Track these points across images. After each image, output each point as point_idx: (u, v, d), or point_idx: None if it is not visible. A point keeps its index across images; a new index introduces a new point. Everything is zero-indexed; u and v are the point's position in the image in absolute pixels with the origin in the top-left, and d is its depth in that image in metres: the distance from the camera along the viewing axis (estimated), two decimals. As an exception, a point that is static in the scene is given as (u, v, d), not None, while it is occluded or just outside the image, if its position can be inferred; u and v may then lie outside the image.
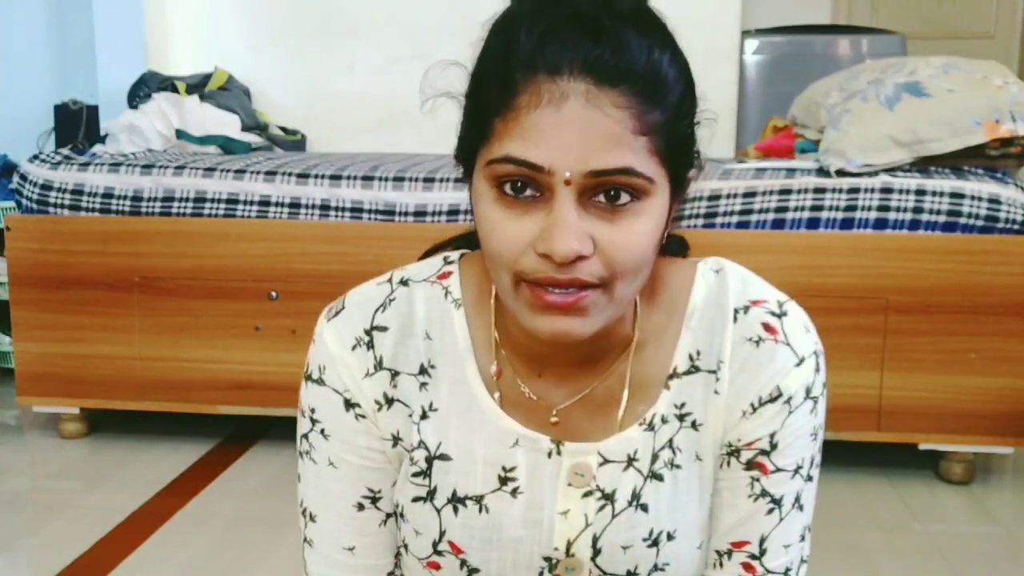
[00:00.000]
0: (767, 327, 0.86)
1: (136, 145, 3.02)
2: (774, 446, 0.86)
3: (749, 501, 0.88)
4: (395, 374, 0.88)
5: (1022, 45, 4.51)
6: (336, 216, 2.62)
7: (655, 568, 0.88)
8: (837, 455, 2.56)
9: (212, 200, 2.65)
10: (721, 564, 0.90)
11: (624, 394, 0.87)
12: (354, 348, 0.88)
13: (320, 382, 0.89)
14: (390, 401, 0.88)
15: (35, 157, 2.80)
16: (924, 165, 2.48)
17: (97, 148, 3.00)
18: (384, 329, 0.88)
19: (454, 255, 0.92)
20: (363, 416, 0.89)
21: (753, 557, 0.89)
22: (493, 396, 0.87)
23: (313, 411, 0.90)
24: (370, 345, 0.88)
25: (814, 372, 0.87)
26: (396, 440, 0.89)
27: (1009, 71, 2.59)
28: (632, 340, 0.87)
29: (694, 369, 0.87)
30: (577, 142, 0.73)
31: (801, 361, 0.86)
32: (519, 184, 0.75)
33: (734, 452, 0.88)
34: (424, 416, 0.88)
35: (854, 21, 4.43)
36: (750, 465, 0.87)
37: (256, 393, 2.65)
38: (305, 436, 0.92)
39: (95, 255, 2.66)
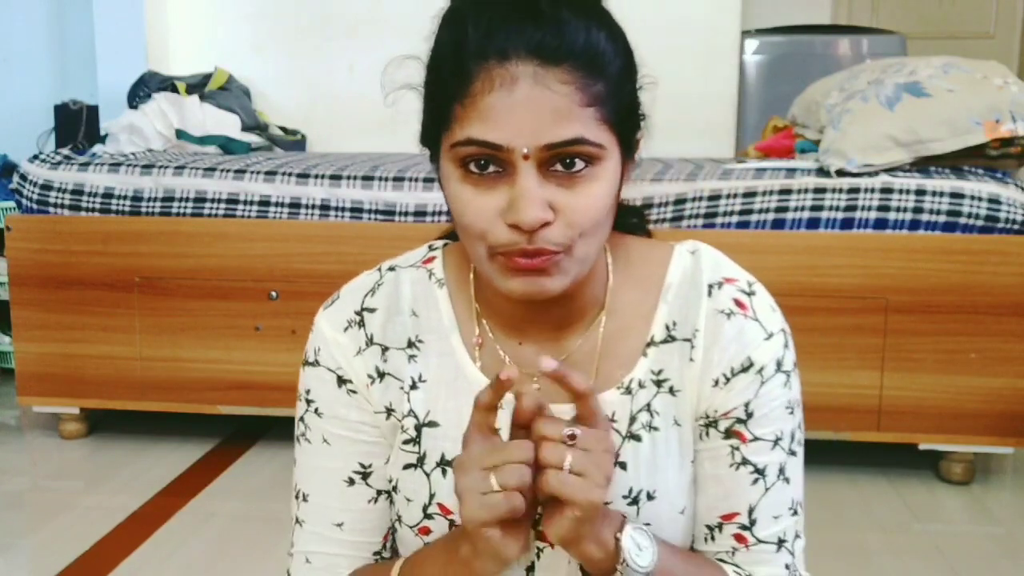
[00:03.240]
0: (738, 303, 0.91)
1: (136, 145, 3.02)
2: (750, 415, 0.91)
3: (731, 470, 0.92)
4: (385, 349, 0.95)
5: (1022, 45, 4.51)
6: (336, 216, 2.62)
7: None
8: (837, 455, 2.57)
9: (212, 200, 2.65)
10: (713, 538, 0.94)
11: (596, 357, 0.92)
12: (346, 329, 0.95)
13: (315, 363, 0.96)
14: (382, 375, 0.95)
15: (35, 157, 2.80)
16: (924, 165, 2.48)
17: (97, 148, 3.00)
18: (373, 310, 0.95)
19: (438, 243, 1.00)
20: (354, 392, 0.95)
21: (744, 528, 0.93)
22: (477, 365, 0.94)
23: (308, 392, 0.97)
24: (360, 324, 0.95)
25: (783, 347, 0.92)
26: (389, 412, 0.95)
27: (1009, 71, 2.58)
28: (603, 305, 0.93)
29: (670, 338, 0.92)
30: (530, 120, 0.79)
31: (770, 336, 0.91)
32: (482, 162, 0.81)
33: (712, 423, 0.92)
34: (414, 386, 0.94)
35: (854, 21, 4.43)
36: (728, 434, 0.92)
37: (256, 393, 2.65)
38: (301, 419, 0.98)
39: (95, 255, 2.66)
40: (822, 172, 2.50)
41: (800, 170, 2.55)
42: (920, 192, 2.41)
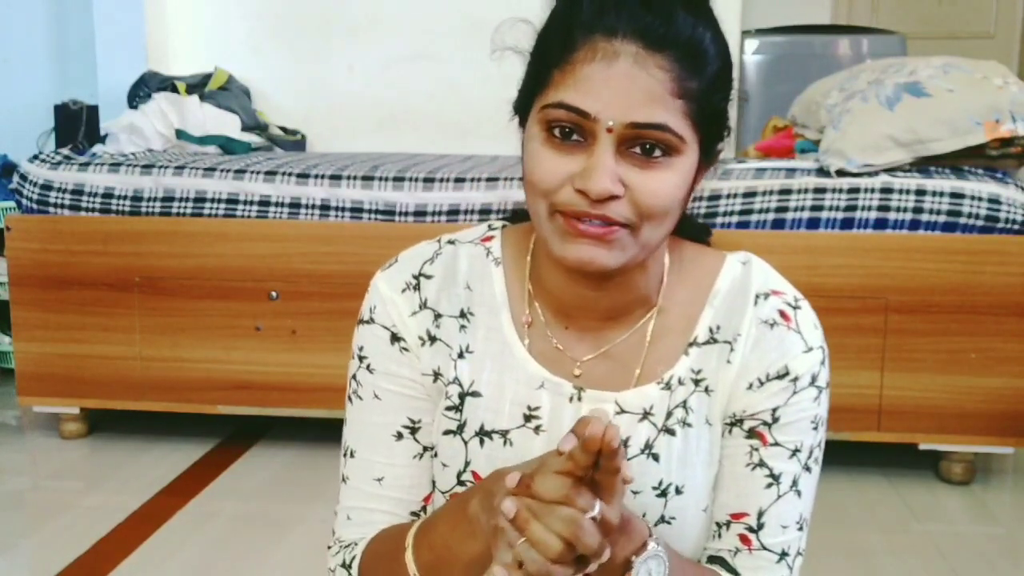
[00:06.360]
0: (782, 314, 0.94)
1: (136, 145, 3.02)
2: (775, 420, 0.93)
3: (747, 470, 0.94)
4: (438, 315, 0.98)
5: (1022, 45, 4.51)
6: (336, 216, 2.62)
7: (662, 519, 0.93)
8: (837, 455, 2.56)
9: (212, 200, 2.65)
10: (720, 535, 0.96)
11: (643, 352, 0.94)
12: (403, 291, 0.98)
13: (370, 321, 0.99)
14: (432, 339, 0.97)
15: (35, 157, 2.80)
16: (924, 165, 2.48)
17: (97, 148, 3.00)
18: (430, 277, 0.99)
19: (497, 224, 1.03)
20: (407, 350, 0.98)
21: (750, 530, 0.94)
22: (524, 344, 0.96)
23: (362, 349, 1.00)
24: (416, 288, 0.98)
25: (820, 364, 0.94)
26: (436, 375, 0.98)
27: (1009, 71, 2.58)
28: (655, 304, 0.96)
29: (712, 340, 0.95)
30: (622, 96, 0.82)
31: (810, 349, 0.94)
32: (567, 130, 0.84)
33: (737, 422, 0.94)
34: (461, 355, 0.97)
35: (854, 21, 4.43)
36: (751, 434, 0.94)
37: (256, 393, 2.65)
38: (353, 377, 1.01)
39: (95, 255, 2.66)
40: (822, 172, 2.50)
41: (800, 170, 2.54)
42: (920, 192, 2.41)
